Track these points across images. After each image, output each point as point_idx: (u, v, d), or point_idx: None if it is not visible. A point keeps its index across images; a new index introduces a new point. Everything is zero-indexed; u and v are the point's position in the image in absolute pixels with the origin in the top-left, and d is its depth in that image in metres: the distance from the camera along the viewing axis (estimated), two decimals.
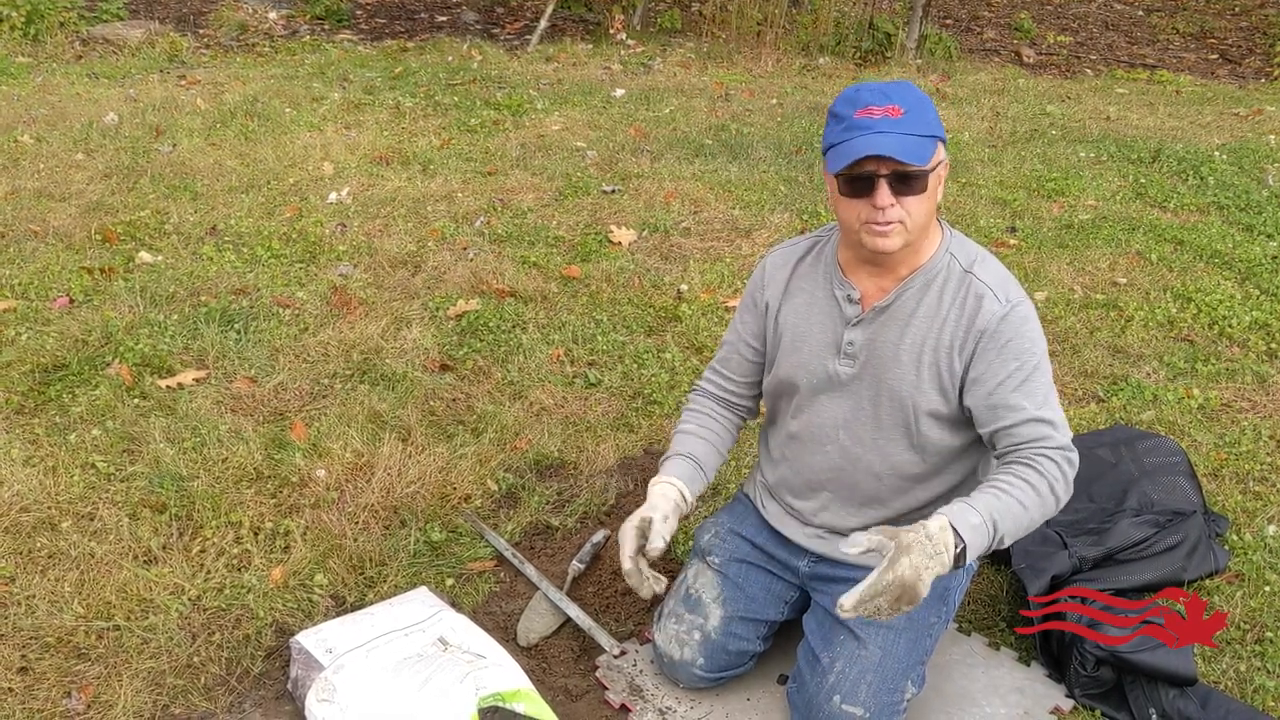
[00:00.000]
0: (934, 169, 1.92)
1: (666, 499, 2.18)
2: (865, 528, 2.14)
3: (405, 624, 2.26)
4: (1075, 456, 1.95)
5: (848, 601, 1.79)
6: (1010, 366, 1.95)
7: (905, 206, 1.91)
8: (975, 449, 2.09)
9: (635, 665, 2.35)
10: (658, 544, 2.10)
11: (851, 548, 1.83)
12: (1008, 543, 1.91)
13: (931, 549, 1.80)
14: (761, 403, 2.37)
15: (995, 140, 6.31)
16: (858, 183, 1.91)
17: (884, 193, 1.89)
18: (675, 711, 2.23)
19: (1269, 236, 4.80)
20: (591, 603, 2.52)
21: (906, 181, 1.89)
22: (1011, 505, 1.88)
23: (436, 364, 3.52)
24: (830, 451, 2.14)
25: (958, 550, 1.82)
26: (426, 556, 2.65)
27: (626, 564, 2.10)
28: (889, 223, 1.91)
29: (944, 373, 2.00)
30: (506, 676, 2.11)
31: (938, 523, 1.84)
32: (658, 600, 2.47)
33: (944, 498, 2.14)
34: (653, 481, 2.23)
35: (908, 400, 2.03)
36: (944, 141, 1.97)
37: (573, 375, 3.51)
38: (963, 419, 2.04)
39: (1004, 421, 1.95)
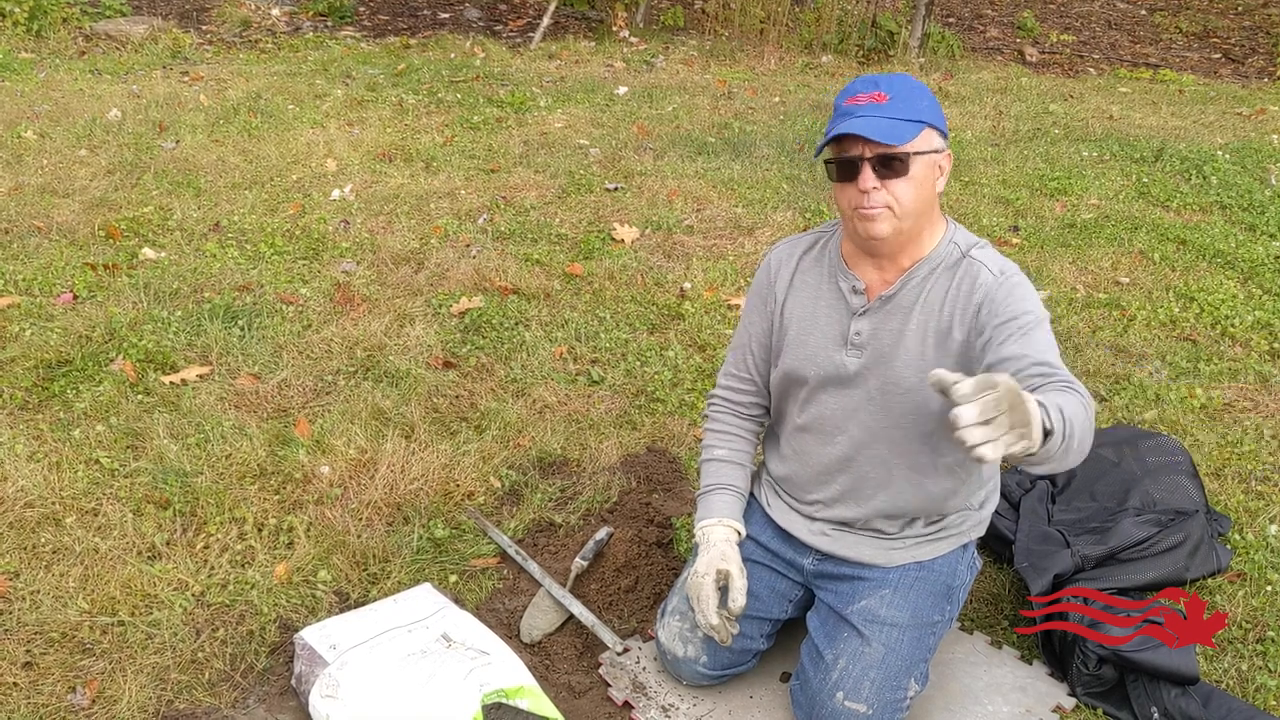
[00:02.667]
0: (920, 153, 1.93)
1: (732, 545, 2.19)
2: (872, 520, 2.16)
3: (409, 620, 2.27)
4: (1089, 398, 1.73)
5: (965, 387, 1.49)
6: (1010, 329, 1.91)
7: (891, 191, 1.93)
8: None
9: (638, 662, 2.35)
10: (741, 602, 2.10)
11: (933, 381, 1.54)
12: (1078, 437, 1.63)
13: (1023, 392, 1.52)
14: None
15: (998, 139, 6.31)
16: (843, 167, 1.96)
17: (867, 175, 1.93)
18: (678, 709, 2.24)
19: (1271, 236, 4.80)
20: (594, 600, 2.53)
21: (889, 165, 1.92)
22: (1055, 395, 1.67)
23: (440, 361, 3.52)
24: (840, 442, 2.14)
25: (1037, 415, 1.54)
26: (430, 553, 2.65)
27: (714, 619, 2.11)
28: (875, 207, 1.94)
29: (943, 353, 2.00)
30: (510, 673, 2.11)
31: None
32: (662, 598, 2.48)
33: (954, 496, 2.14)
34: (707, 523, 2.23)
35: (914, 389, 2.04)
36: (941, 131, 1.98)
37: (575, 373, 3.52)
38: None
39: (1011, 369, 1.81)
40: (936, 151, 1.97)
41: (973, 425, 1.47)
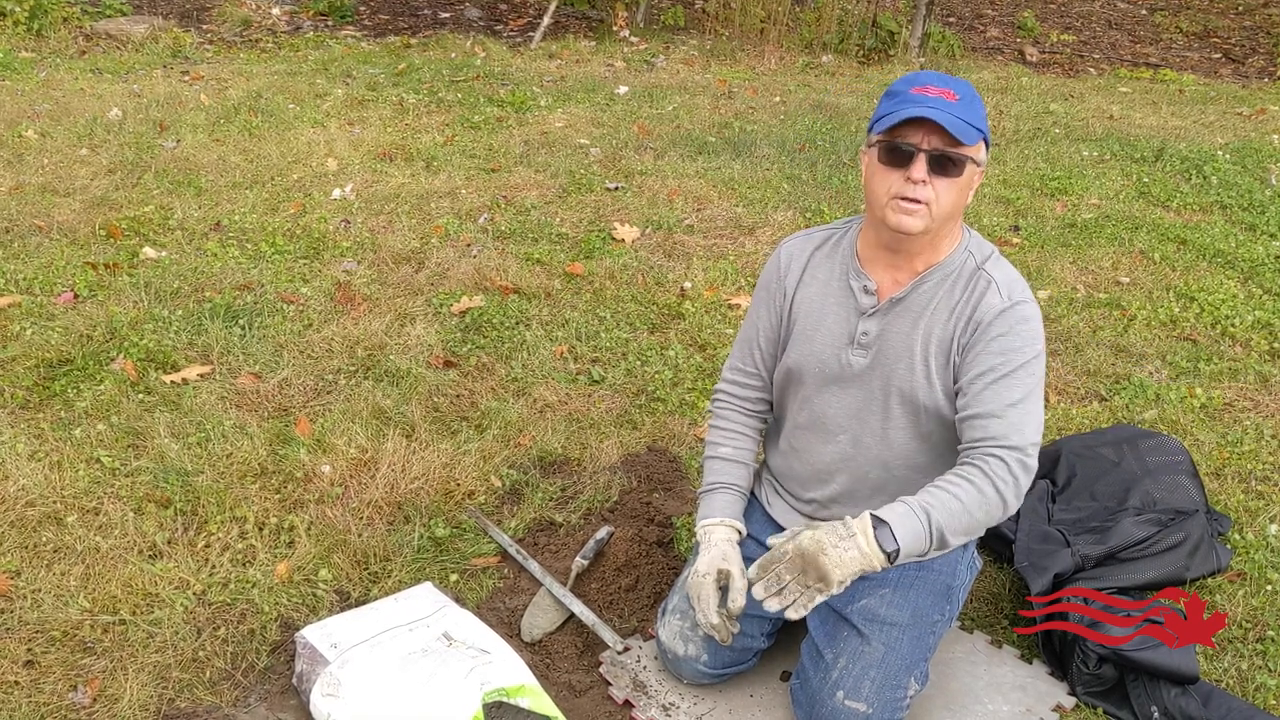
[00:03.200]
0: (974, 160, 1.94)
1: (733, 545, 2.18)
2: None
3: (410, 619, 2.27)
4: (1031, 462, 1.95)
5: (751, 571, 1.93)
6: (993, 361, 1.96)
7: (936, 189, 1.92)
8: None
9: (639, 661, 2.35)
10: (741, 602, 2.09)
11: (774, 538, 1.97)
12: (952, 540, 1.93)
13: (844, 530, 1.89)
14: None
15: (998, 139, 6.31)
16: (897, 153, 1.92)
17: (920, 166, 1.91)
18: (678, 708, 2.24)
19: (1271, 236, 4.80)
20: (595, 599, 2.53)
21: (943, 164, 1.91)
22: (946, 499, 1.92)
23: (440, 360, 3.53)
24: (841, 441, 2.14)
25: (877, 529, 1.89)
26: (431, 552, 2.66)
27: (714, 619, 2.11)
28: (916, 201, 1.92)
29: (946, 364, 2.02)
30: (511, 672, 2.11)
31: (858, 516, 1.92)
32: (662, 597, 2.48)
33: None
34: (708, 522, 2.22)
35: (917, 393, 2.04)
36: (987, 144, 1.98)
37: (576, 372, 3.52)
38: None
39: (968, 411, 1.97)
40: (979, 164, 1.98)
41: (765, 599, 1.90)
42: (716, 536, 2.19)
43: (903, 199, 1.93)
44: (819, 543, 1.88)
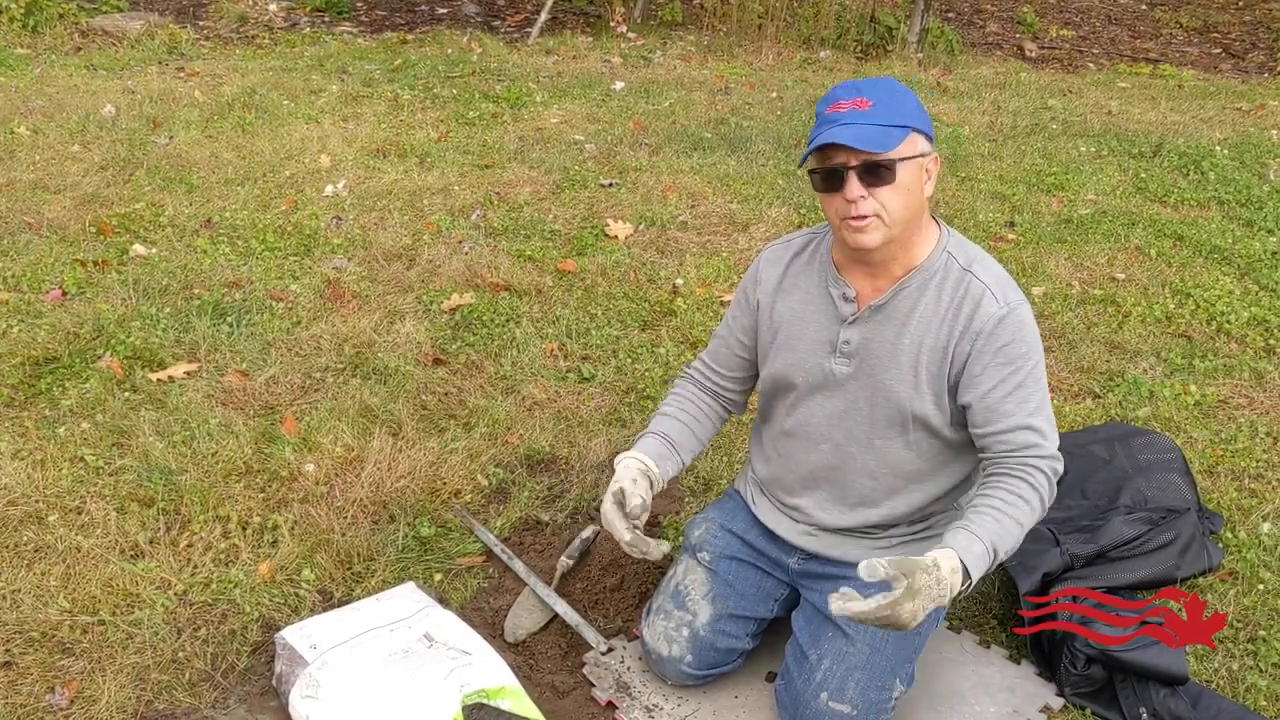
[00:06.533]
0: (906, 158, 1.89)
1: (629, 469, 2.17)
2: (855, 527, 2.14)
3: (391, 620, 2.25)
4: (1060, 465, 1.96)
5: (838, 607, 1.74)
6: (1004, 372, 1.94)
7: (878, 198, 1.89)
8: (972, 449, 2.07)
9: (623, 662, 2.33)
10: (634, 503, 2.08)
11: (867, 574, 1.72)
12: (1004, 552, 1.89)
13: (938, 592, 1.75)
14: (753, 399, 2.36)
15: (995, 134, 6.28)
16: (828, 177, 1.91)
17: (853, 184, 1.88)
18: (662, 709, 2.22)
19: (1269, 232, 4.77)
20: (580, 599, 2.51)
21: (875, 172, 1.87)
22: (1010, 527, 1.88)
23: (429, 358, 3.50)
24: (825, 449, 2.12)
25: (964, 588, 1.80)
26: (415, 552, 2.63)
27: (626, 536, 2.07)
28: (864, 216, 1.89)
29: (939, 373, 1.99)
30: (491, 673, 2.10)
31: (950, 564, 1.78)
32: (648, 597, 2.46)
33: (939, 500, 2.12)
34: (617, 457, 2.21)
35: (904, 401, 2.01)
36: (926, 134, 1.93)
37: (566, 370, 3.50)
38: (958, 419, 2.02)
39: (994, 426, 1.95)
40: (923, 155, 1.92)
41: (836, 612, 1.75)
42: (617, 466, 2.18)
43: (850, 219, 1.91)
44: (915, 615, 1.73)
